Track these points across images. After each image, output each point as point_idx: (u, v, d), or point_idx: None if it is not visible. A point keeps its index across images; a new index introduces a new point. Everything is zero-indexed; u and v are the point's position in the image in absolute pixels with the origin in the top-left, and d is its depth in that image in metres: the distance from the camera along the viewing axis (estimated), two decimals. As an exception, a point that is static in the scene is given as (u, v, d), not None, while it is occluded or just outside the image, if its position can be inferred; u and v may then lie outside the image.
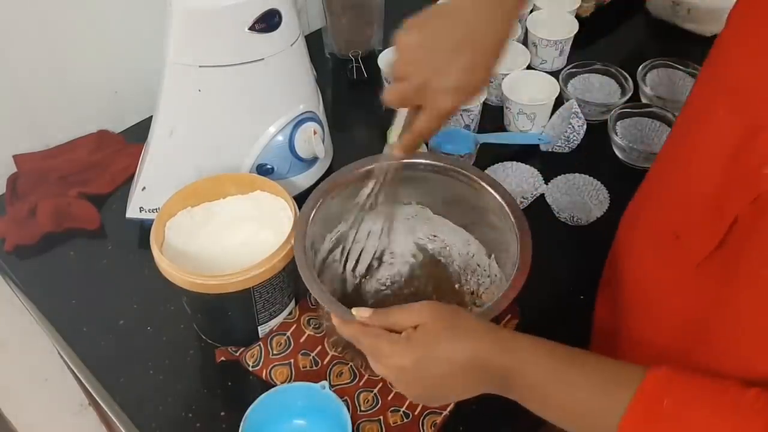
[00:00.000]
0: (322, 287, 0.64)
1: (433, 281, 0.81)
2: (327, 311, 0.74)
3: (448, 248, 0.82)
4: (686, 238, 0.58)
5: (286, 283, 0.76)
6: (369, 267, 0.81)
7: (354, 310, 0.60)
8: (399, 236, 0.82)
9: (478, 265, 0.79)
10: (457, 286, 0.80)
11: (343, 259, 0.78)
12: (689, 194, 0.58)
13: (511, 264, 0.68)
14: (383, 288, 0.81)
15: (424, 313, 0.57)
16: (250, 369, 0.77)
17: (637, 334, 0.66)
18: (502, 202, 0.71)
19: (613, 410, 0.49)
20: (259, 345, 0.78)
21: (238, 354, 0.78)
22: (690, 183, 0.58)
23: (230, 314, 0.77)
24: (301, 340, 0.79)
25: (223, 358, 0.77)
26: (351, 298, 0.80)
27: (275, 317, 0.79)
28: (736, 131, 0.51)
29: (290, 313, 0.81)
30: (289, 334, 0.79)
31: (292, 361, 0.77)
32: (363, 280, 0.81)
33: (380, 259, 0.82)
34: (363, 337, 0.59)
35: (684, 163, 0.60)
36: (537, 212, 0.93)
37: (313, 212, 0.71)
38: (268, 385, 0.75)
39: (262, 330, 0.79)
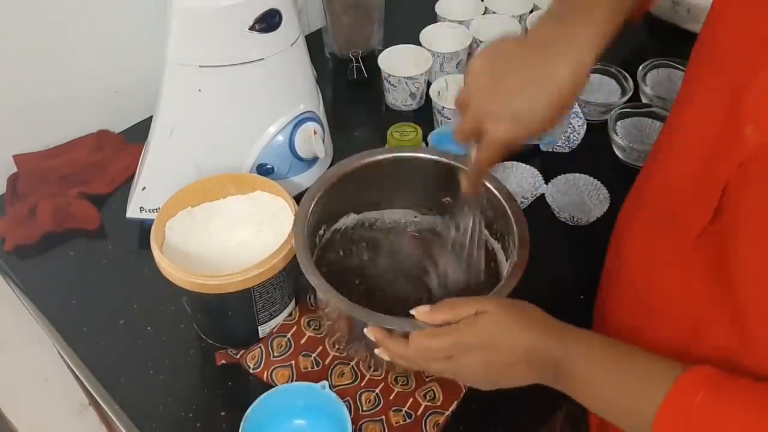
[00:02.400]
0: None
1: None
2: (327, 311, 0.75)
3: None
4: (682, 215, 0.58)
5: (286, 282, 0.76)
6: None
7: (414, 312, 0.61)
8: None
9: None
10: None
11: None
12: (683, 171, 0.58)
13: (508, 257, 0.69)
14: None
15: (487, 303, 0.58)
16: (251, 371, 0.76)
17: (639, 323, 0.66)
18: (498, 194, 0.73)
19: (651, 404, 0.51)
20: (260, 347, 0.78)
21: (238, 357, 0.77)
22: (684, 160, 0.58)
23: (230, 314, 0.77)
24: (302, 342, 0.79)
25: (223, 361, 0.77)
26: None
27: (275, 317, 0.79)
28: (724, 99, 0.51)
29: (290, 315, 0.81)
30: (289, 335, 0.79)
31: (293, 362, 0.77)
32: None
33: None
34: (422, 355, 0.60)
35: (677, 142, 0.60)
36: (537, 212, 0.93)
37: (310, 212, 0.72)
38: (268, 386, 0.75)
39: (263, 330, 0.79)
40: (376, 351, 0.64)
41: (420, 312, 0.61)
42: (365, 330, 0.64)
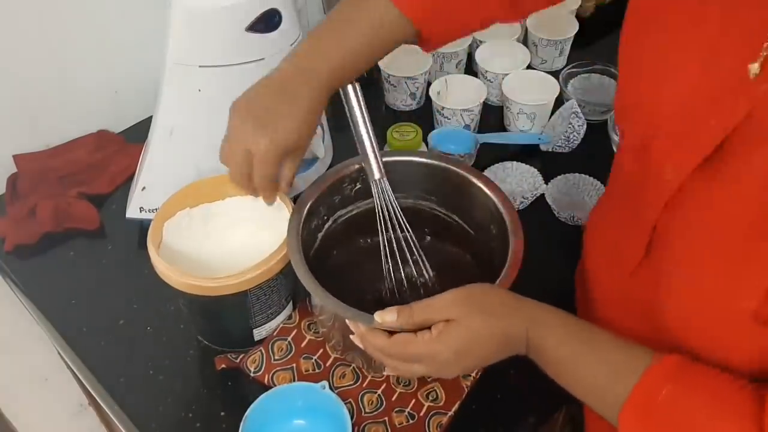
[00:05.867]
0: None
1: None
2: (322, 318, 0.74)
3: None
4: (622, 247, 0.63)
5: (284, 285, 0.76)
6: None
7: (377, 316, 0.60)
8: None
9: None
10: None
11: None
12: (620, 205, 0.63)
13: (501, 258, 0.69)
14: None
15: (452, 309, 0.58)
16: (252, 375, 0.76)
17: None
18: (494, 198, 0.73)
19: (619, 394, 0.53)
20: (260, 351, 0.78)
21: (238, 361, 0.77)
22: (620, 194, 0.65)
23: (226, 316, 0.77)
24: (302, 345, 0.78)
25: (223, 366, 0.77)
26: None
27: (272, 320, 0.78)
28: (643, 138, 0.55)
29: (290, 318, 0.81)
30: (290, 339, 0.79)
31: (294, 365, 0.77)
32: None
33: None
34: (393, 349, 0.60)
35: (614, 176, 0.67)
36: (537, 212, 0.93)
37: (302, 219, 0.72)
38: (268, 387, 0.75)
39: (258, 333, 0.78)
40: (351, 337, 0.64)
41: (384, 318, 0.59)
42: (347, 320, 0.63)
